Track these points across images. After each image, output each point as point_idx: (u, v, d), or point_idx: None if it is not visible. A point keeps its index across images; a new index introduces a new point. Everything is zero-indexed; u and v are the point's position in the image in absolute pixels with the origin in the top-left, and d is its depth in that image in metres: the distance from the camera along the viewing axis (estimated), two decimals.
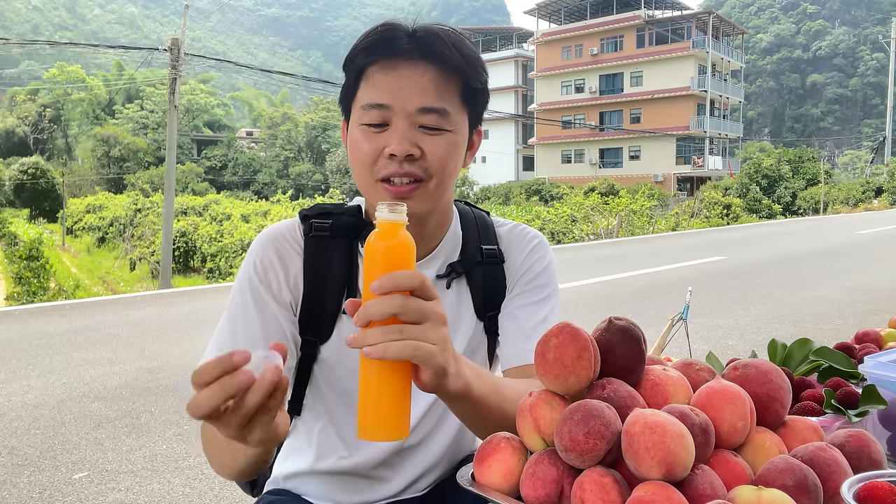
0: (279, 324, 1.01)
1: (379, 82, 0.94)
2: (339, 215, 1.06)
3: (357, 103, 0.96)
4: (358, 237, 1.05)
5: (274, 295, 1.02)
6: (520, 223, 1.18)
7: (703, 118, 43.19)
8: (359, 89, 0.96)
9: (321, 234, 1.04)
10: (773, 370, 0.83)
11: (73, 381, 4.51)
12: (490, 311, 1.10)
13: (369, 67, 0.94)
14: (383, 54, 0.93)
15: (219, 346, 1.00)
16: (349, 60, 0.97)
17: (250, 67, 19.86)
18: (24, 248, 14.09)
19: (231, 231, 17.67)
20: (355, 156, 0.97)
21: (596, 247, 14.48)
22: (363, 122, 0.95)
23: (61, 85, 56.16)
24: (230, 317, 1.02)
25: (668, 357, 1.23)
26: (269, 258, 1.03)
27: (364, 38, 0.96)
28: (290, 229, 1.05)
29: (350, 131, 0.98)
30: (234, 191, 43.47)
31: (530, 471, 0.77)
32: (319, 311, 1.04)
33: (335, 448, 1.10)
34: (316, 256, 1.04)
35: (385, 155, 0.94)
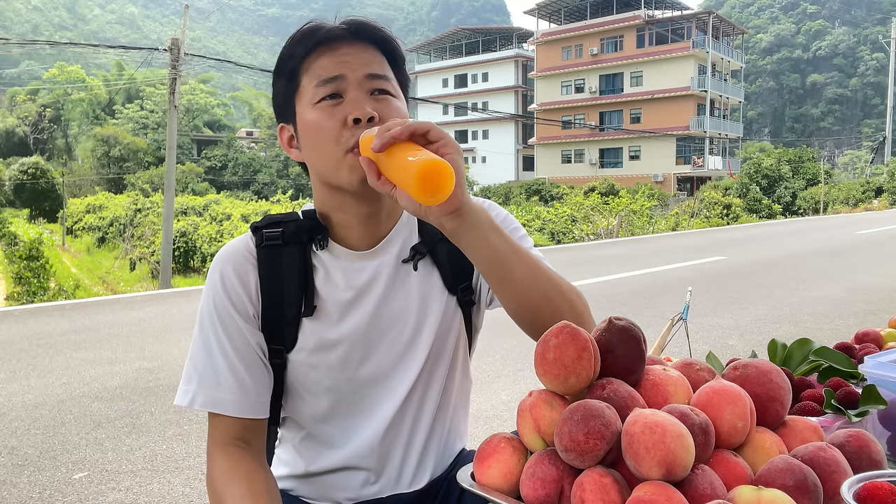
0: (249, 342, 1.03)
1: (324, 62, 0.98)
2: (288, 223, 1.06)
3: (304, 92, 0.99)
4: (311, 241, 1.05)
5: (239, 310, 1.03)
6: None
7: (703, 118, 43.19)
8: (301, 82, 1.00)
9: (272, 243, 1.05)
10: (773, 370, 0.83)
11: (73, 381, 4.51)
12: (461, 283, 1.10)
13: (308, 57, 0.99)
14: (322, 42, 0.99)
15: (197, 370, 1.03)
16: (284, 61, 1.02)
17: (250, 67, 19.83)
18: (24, 248, 14.10)
19: (231, 231, 17.68)
20: (319, 135, 0.98)
21: (596, 247, 14.48)
22: (318, 98, 0.98)
23: (61, 85, 56.15)
24: (203, 341, 1.04)
25: (668, 357, 1.23)
26: (227, 277, 1.03)
27: (294, 38, 1.01)
28: (243, 243, 1.06)
29: (303, 117, 1.00)
30: (234, 191, 43.46)
31: (530, 471, 0.77)
32: (280, 319, 1.04)
33: (322, 449, 1.11)
34: (270, 265, 1.04)
35: (349, 124, 0.96)
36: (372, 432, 1.09)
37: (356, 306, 1.05)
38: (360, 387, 1.08)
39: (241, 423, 1.02)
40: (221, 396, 1.01)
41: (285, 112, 1.04)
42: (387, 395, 1.09)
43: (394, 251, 1.07)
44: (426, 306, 1.08)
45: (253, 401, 1.02)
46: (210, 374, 1.01)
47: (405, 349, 1.08)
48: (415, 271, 1.08)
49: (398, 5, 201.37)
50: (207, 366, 1.02)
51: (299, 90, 1.00)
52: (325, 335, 1.04)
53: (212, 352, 1.02)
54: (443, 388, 1.12)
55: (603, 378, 0.81)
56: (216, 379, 1.01)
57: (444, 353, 1.11)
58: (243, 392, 1.01)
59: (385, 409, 1.09)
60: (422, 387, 1.10)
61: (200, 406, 1.01)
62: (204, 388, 1.01)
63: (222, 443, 1.01)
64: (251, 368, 1.02)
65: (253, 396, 1.02)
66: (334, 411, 1.09)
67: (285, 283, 1.03)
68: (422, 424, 1.12)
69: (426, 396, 1.11)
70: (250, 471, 0.98)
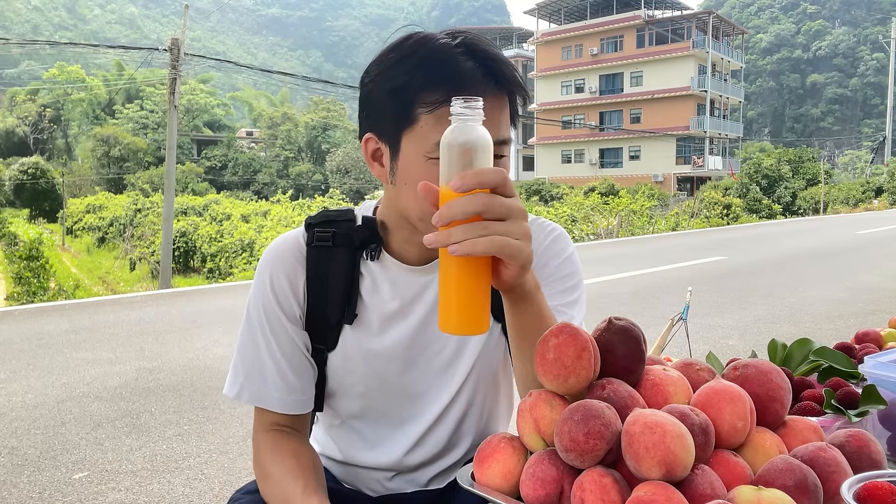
0: (293, 341, 1.04)
1: None
2: (342, 223, 1.04)
3: (420, 136, 0.88)
4: (363, 247, 1.03)
5: (285, 311, 1.03)
6: (539, 216, 1.13)
7: (703, 118, 43.19)
8: (418, 121, 0.88)
9: (322, 244, 1.04)
10: (773, 370, 0.83)
11: (73, 381, 4.51)
12: None
13: (433, 95, 0.87)
14: (457, 88, 0.85)
15: (244, 365, 1.04)
16: (398, 84, 0.89)
17: (250, 67, 19.85)
18: (24, 248, 14.10)
19: (231, 231, 17.67)
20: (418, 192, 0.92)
21: (596, 247, 14.48)
22: (436, 156, 0.83)
23: (61, 85, 56.17)
24: (251, 338, 1.04)
25: (668, 357, 1.23)
26: (276, 278, 1.03)
27: (417, 62, 0.88)
28: (295, 240, 1.05)
29: (410, 162, 0.90)
30: (234, 191, 43.47)
31: (530, 471, 0.77)
32: (323, 322, 1.04)
33: (353, 443, 1.13)
34: (318, 267, 1.03)
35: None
36: (401, 443, 1.10)
37: (400, 320, 1.04)
38: (392, 399, 1.08)
39: (286, 416, 1.05)
40: (267, 393, 1.03)
41: (382, 129, 0.93)
42: (419, 411, 1.09)
43: None
44: None
45: (298, 398, 1.04)
46: (256, 370, 1.03)
47: (442, 370, 1.07)
48: None
49: (398, 5, 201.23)
50: (255, 362, 1.03)
51: (413, 128, 0.88)
52: (365, 344, 1.04)
53: (259, 350, 1.04)
54: (487, 411, 1.12)
55: (603, 378, 0.81)
56: (262, 376, 1.03)
57: (485, 377, 1.09)
58: (289, 390, 1.03)
59: (418, 424, 1.09)
60: (459, 408, 1.09)
61: (247, 400, 1.03)
62: (251, 382, 1.03)
63: (268, 428, 1.05)
64: (297, 368, 1.04)
65: (298, 394, 1.04)
66: (365, 415, 1.10)
67: (331, 287, 1.03)
68: (462, 438, 1.12)
69: (466, 418, 1.11)
70: (296, 448, 1.02)
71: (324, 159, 49.37)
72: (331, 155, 47.83)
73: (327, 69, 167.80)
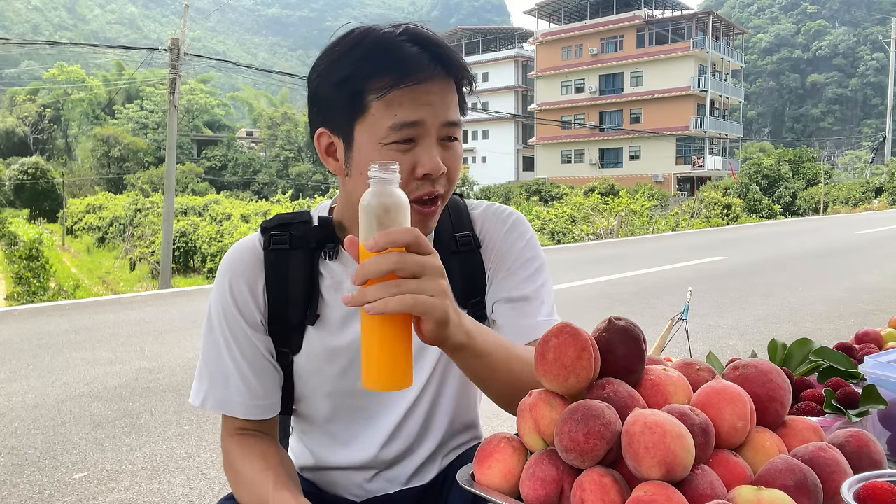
0: (258, 347, 1.04)
1: (404, 100, 0.89)
2: (298, 225, 1.05)
3: (373, 123, 0.90)
4: (321, 248, 1.03)
5: (245, 317, 1.03)
6: (494, 202, 1.14)
7: (703, 118, 43.19)
8: (369, 108, 0.90)
9: (279, 247, 1.03)
10: (773, 370, 0.83)
11: (73, 381, 4.51)
12: (472, 298, 1.09)
13: (380, 81, 0.89)
14: (404, 73, 0.88)
15: (208, 370, 1.04)
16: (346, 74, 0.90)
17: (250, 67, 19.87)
18: (24, 248, 14.10)
19: (231, 231, 17.68)
20: None
21: (596, 247, 14.48)
22: (390, 140, 0.90)
23: (61, 85, 56.16)
24: (213, 343, 1.05)
25: (668, 357, 1.23)
26: (235, 283, 1.03)
27: (362, 52, 0.90)
28: (252, 245, 1.05)
29: (364, 149, 0.92)
30: (234, 191, 43.47)
31: (530, 471, 0.77)
32: (285, 324, 1.04)
33: (327, 446, 1.12)
34: (276, 270, 1.03)
35: (417, 175, 0.91)
36: (374, 439, 1.10)
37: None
38: (360, 395, 1.08)
39: (251, 421, 1.05)
40: (231, 399, 1.03)
41: (334, 123, 0.94)
42: (390, 405, 1.09)
43: None
44: None
45: (261, 403, 1.04)
46: (220, 376, 1.03)
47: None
48: None
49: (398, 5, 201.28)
50: (217, 368, 1.04)
51: (365, 116, 0.91)
52: (329, 343, 1.04)
53: (221, 355, 1.04)
54: (456, 394, 1.12)
55: (603, 378, 0.81)
56: (225, 381, 1.03)
57: (451, 368, 1.10)
58: (252, 395, 1.03)
59: (388, 418, 1.09)
60: (430, 396, 1.09)
61: (211, 407, 1.03)
62: (215, 388, 1.03)
63: (234, 433, 1.05)
64: (259, 373, 1.04)
65: (261, 399, 1.04)
66: (335, 416, 1.10)
67: (291, 289, 1.03)
68: (433, 429, 1.12)
69: (437, 404, 1.11)
70: (264, 450, 1.02)
71: None
72: None
73: None
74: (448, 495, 1.09)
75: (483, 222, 1.11)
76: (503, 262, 1.09)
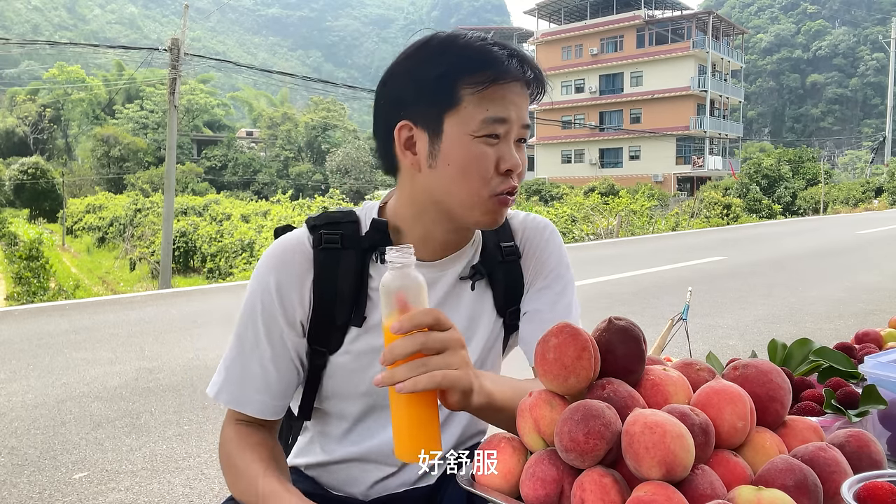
0: (287, 349, 1.04)
1: (497, 97, 0.96)
2: (348, 225, 1.05)
3: (465, 116, 0.96)
4: (373, 250, 1.04)
5: (287, 318, 1.02)
6: (529, 213, 1.21)
7: (703, 118, 43.19)
8: (461, 102, 0.95)
9: (331, 247, 1.04)
10: (773, 370, 0.83)
11: (73, 381, 4.51)
12: (510, 306, 1.13)
13: (474, 79, 0.95)
14: (498, 77, 0.96)
15: (228, 366, 1.05)
16: (439, 70, 0.96)
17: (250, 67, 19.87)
18: (24, 248, 14.10)
19: (231, 231, 17.67)
20: (472, 168, 0.96)
21: (596, 247, 14.48)
22: (481, 133, 0.95)
23: (61, 85, 56.16)
24: (240, 340, 1.04)
25: (668, 357, 1.23)
26: (282, 282, 1.02)
27: (457, 51, 0.97)
28: (300, 243, 1.04)
29: (456, 141, 0.96)
30: (234, 191, 43.49)
31: (530, 471, 0.77)
32: (329, 324, 1.04)
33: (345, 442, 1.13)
34: (326, 269, 1.03)
35: (500, 170, 0.97)
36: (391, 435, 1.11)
37: None
38: None
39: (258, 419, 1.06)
40: (248, 397, 1.04)
41: (420, 116, 0.98)
42: None
43: (456, 268, 1.09)
44: (476, 325, 1.11)
45: (276, 404, 1.05)
46: (238, 373, 1.04)
47: None
48: (472, 290, 1.10)
49: (398, 5, 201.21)
50: (238, 365, 1.04)
51: (457, 109, 0.96)
52: (375, 344, 1.04)
53: (245, 353, 1.04)
54: None
55: (603, 378, 0.81)
56: (245, 379, 1.03)
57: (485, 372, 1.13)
58: (270, 395, 1.04)
59: None
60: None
61: (224, 402, 1.04)
62: (231, 384, 1.04)
63: (237, 422, 1.06)
64: (282, 374, 1.04)
65: (278, 400, 1.05)
66: (367, 414, 1.11)
67: (340, 289, 1.03)
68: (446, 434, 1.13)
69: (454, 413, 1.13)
70: (260, 441, 1.04)
71: (324, 159, 49.37)
72: (331, 155, 47.82)
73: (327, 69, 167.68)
74: (448, 495, 1.09)
75: (523, 232, 1.16)
76: (539, 273, 1.14)
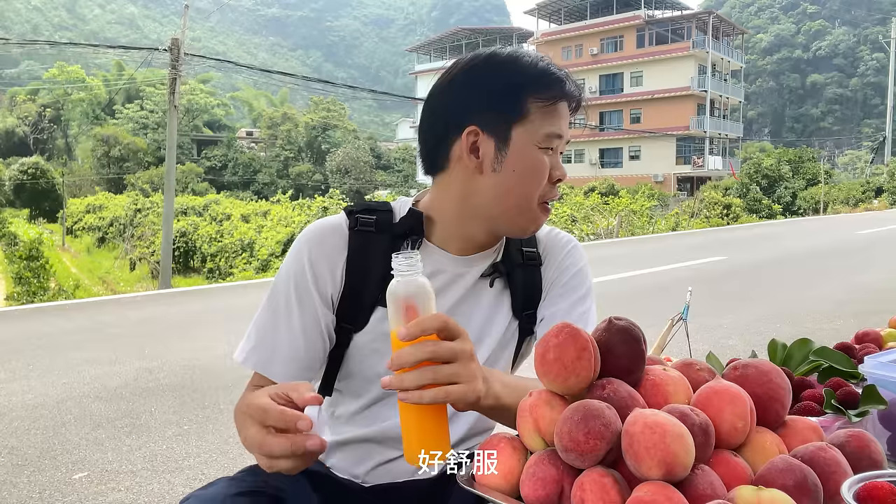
0: (317, 319, 1.07)
1: (559, 115, 1.05)
2: (383, 213, 1.12)
3: (532, 127, 1.03)
4: (406, 237, 1.10)
5: (319, 290, 1.07)
6: (554, 227, 1.25)
7: (703, 118, 43.17)
8: (529, 115, 1.03)
9: (366, 229, 1.09)
10: (773, 370, 0.83)
11: (73, 381, 4.51)
12: (527, 310, 1.16)
13: (542, 95, 1.04)
14: (562, 96, 1.05)
15: (259, 334, 1.08)
16: (510, 83, 1.04)
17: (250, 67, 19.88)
18: (24, 248, 14.11)
19: (231, 231, 17.68)
20: (532, 174, 1.04)
21: (596, 247, 14.48)
22: (544, 145, 1.04)
23: (61, 85, 56.14)
24: (273, 310, 1.08)
25: (668, 357, 1.23)
26: (315, 254, 1.08)
27: (531, 70, 1.05)
28: (337, 224, 1.11)
29: (522, 148, 1.04)
30: (234, 191, 43.46)
31: (530, 471, 0.77)
32: (358, 302, 1.09)
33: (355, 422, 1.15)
34: (360, 250, 1.09)
35: (552, 179, 1.07)
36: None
37: None
38: None
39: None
40: (273, 362, 1.06)
41: (490, 123, 1.04)
42: None
43: (481, 266, 1.14)
44: (490, 324, 1.14)
45: (301, 375, 1.07)
46: (266, 338, 1.07)
47: None
48: (490, 288, 1.13)
49: (398, 5, 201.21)
50: (267, 331, 1.07)
51: (525, 121, 1.03)
52: None
53: (278, 323, 1.07)
54: None
55: (603, 378, 0.81)
56: (273, 348, 1.07)
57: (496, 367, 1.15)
58: (296, 366, 1.07)
59: None
60: None
61: (252, 366, 1.08)
62: (259, 349, 1.07)
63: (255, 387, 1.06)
64: (309, 343, 1.07)
65: (304, 372, 1.07)
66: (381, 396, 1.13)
67: (370, 270, 1.08)
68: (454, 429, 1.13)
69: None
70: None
71: (324, 159, 49.36)
72: (331, 155, 47.82)
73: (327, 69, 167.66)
74: (448, 494, 1.09)
75: (546, 242, 1.21)
76: (558, 281, 1.18)
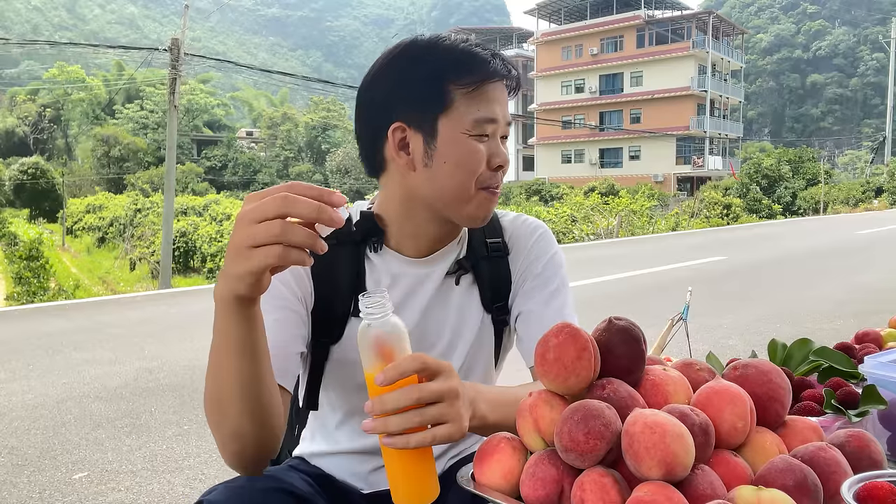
0: (299, 324, 1.04)
1: (487, 98, 1.00)
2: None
3: (457, 116, 0.99)
4: (365, 242, 1.07)
5: (293, 292, 1.04)
6: (521, 213, 1.21)
7: (703, 118, 43.18)
8: (454, 104, 0.99)
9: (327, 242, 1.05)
10: (773, 370, 0.83)
11: (73, 381, 4.51)
12: (497, 302, 1.14)
13: (464, 80, 0.99)
14: (486, 77, 1.00)
15: None
16: (429, 73, 0.99)
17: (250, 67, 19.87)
18: (24, 248, 14.11)
19: (231, 231, 17.65)
20: (464, 164, 1.00)
21: (596, 247, 14.48)
22: (475, 132, 1.00)
23: (61, 85, 56.16)
24: None
25: (668, 357, 1.23)
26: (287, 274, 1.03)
27: (447, 55, 1.00)
28: None
29: (450, 139, 1.00)
30: (234, 191, 43.45)
31: (530, 471, 0.77)
32: (329, 314, 1.07)
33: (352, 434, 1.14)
34: (324, 263, 1.04)
35: (492, 166, 1.02)
36: None
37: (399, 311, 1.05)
38: None
39: None
40: None
41: (414, 117, 1.01)
42: None
43: (443, 263, 1.11)
44: (463, 321, 1.12)
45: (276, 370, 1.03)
46: None
47: None
48: (456, 286, 1.11)
49: (398, 5, 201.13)
50: None
51: (450, 111, 1.00)
52: None
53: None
54: None
55: (603, 378, 0.81)
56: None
57: (475, 369, 1.14)
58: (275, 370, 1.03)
59: None
60: None
61: None
62: None
63: None
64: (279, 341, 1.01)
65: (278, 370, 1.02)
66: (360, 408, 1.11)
67: (338, 282, 1.06)
68: None
69: None
70: None
71: (324, 159, 49.40)
72: (331, 155, 47.85)
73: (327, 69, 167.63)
74: (448, 494, 1.09)
75: (512, 231, 1.17)
76: (528, 272, 1.15)
